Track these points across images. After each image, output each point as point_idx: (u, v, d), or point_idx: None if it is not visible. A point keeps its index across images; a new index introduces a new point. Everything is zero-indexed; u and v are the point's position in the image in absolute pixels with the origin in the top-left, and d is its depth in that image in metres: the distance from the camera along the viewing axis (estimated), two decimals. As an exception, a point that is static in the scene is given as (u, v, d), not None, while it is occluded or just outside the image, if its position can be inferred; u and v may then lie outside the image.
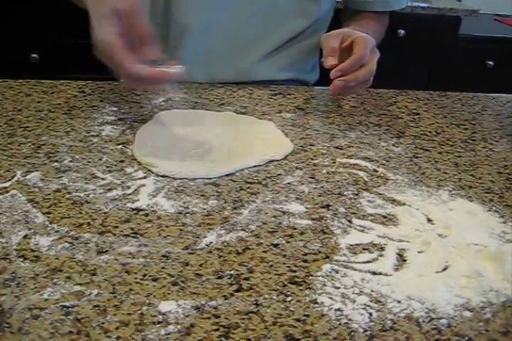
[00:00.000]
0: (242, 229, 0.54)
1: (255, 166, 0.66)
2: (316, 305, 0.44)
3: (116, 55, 0.63)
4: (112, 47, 0.63)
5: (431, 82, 2.12)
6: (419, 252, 0.52)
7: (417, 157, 0.72)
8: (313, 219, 0.56)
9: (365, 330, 0.42)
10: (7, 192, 0.57)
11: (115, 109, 0.79)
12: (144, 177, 0.61)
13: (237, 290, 0.45)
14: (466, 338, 0.42)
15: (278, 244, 0.52)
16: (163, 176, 0.62)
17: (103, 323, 0.41)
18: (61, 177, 0.61)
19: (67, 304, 0.42)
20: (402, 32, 1.98)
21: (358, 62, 0.77)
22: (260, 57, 0.98)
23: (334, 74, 0.77)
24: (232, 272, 0.48)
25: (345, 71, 0.77)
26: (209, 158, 0.66)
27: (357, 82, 0.78)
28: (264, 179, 0.63)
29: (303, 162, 0.68)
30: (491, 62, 2.14)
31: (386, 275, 0.49)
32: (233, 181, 0.62)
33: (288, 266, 0.49)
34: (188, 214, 0.55)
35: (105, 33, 0.63)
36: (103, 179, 0.61)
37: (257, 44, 0.97)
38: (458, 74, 2.07)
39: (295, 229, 0.54)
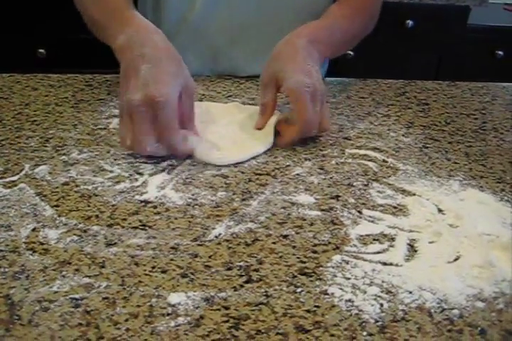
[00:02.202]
0: (251, 221, 0.53)
1: (263, 156, 0.65)
2: (327, 296, 0.44)
3: (172, 120, 0.60)
4: (171, 108, 0.59)
5: (440, 73, 2.10)
6: (430, 242, 0.52)
7: (426, 147, 0.71)
8: (322, 210, 0.56)
9: (377, 321, 0.42)
10: (15, 185, 0.57)
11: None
12: (152, 170, 0.61)
13: (246, 282, 0.45)
14: (479, 328, 0.42)
15: (287, 235, 0.51)
16: (171, 167, 0.61)
17: (112, 315, 0.41)
18: (69, 170, 0.60)
19: (77, 296, 0.42)
20: (410, 23, 1.95)
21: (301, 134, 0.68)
22: (252, 51, 0.93)
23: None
24: (241, 263, 0.47)
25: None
26: (218, 147, 0.66)
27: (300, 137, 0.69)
28: (273, 170, 0.63)
29: (312, 153, 0.67)
30: (500, 52, 2.11)
31: (397, 265, 0.48)
32: (242, 172, 0.62)
33: (298, 257, 0.48)
34: (197, 206, 0.55)
35: (172, 92, 0.60)
36: (111, 172, 0.61)
37: (249, 35, 0.92)
38: (467, 64, 2.05)
39: (304, 220, 0.54)
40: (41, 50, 1.90)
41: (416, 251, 0.50)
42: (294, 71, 0.68)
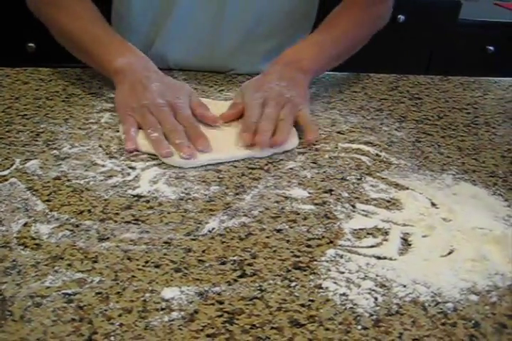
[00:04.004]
0: (245, 215, 0.53)
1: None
2: (321, 290, 0.44)
3: (190, 117, 0.68)
4: (187, 109, 0.69)
5: (430, 68, 2.10)
6: (423, 236, 0.52)
7: (419, 141, 0.71)
8: (316, 204, 0.56)
9: (371, 315, 0.42)
10: (6, 180, 0.56)
11: (114, 96, 0.78)
12: (145, 164, 0.61)
13: (240, 276, 0.45)
14: (473, 322, 0.42)
15: (281, 230, 0.51)
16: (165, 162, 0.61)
17: (106, 310, 0.41)
18: (60, 164, 0.60)
19: (69, 291, 0.42)
20: (401, 17, 1.96)
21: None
22: (237, 44, 0.91)
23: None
24: (235, 258, 0.47)
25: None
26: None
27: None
28: (266, 164, 0.63)
29: (305, 147, 0.67)
30: (491, 48, 2.12)
31: (391, 259, 0.48)
32: (235, 167, 0.62)
33: (292, 252, 0.48)
34: (190, 201, 0.55)
35: (185, 98, 0.70)
36: (103, 166, 0.60)
37: (233, 27, 0.89)
38: (458, 59, 2.06)
39: (298, 214, 0.54)
40: (31, 44, 1.89)
41: (410, 245, 0.50)
42: (253, 88, 0.73)
